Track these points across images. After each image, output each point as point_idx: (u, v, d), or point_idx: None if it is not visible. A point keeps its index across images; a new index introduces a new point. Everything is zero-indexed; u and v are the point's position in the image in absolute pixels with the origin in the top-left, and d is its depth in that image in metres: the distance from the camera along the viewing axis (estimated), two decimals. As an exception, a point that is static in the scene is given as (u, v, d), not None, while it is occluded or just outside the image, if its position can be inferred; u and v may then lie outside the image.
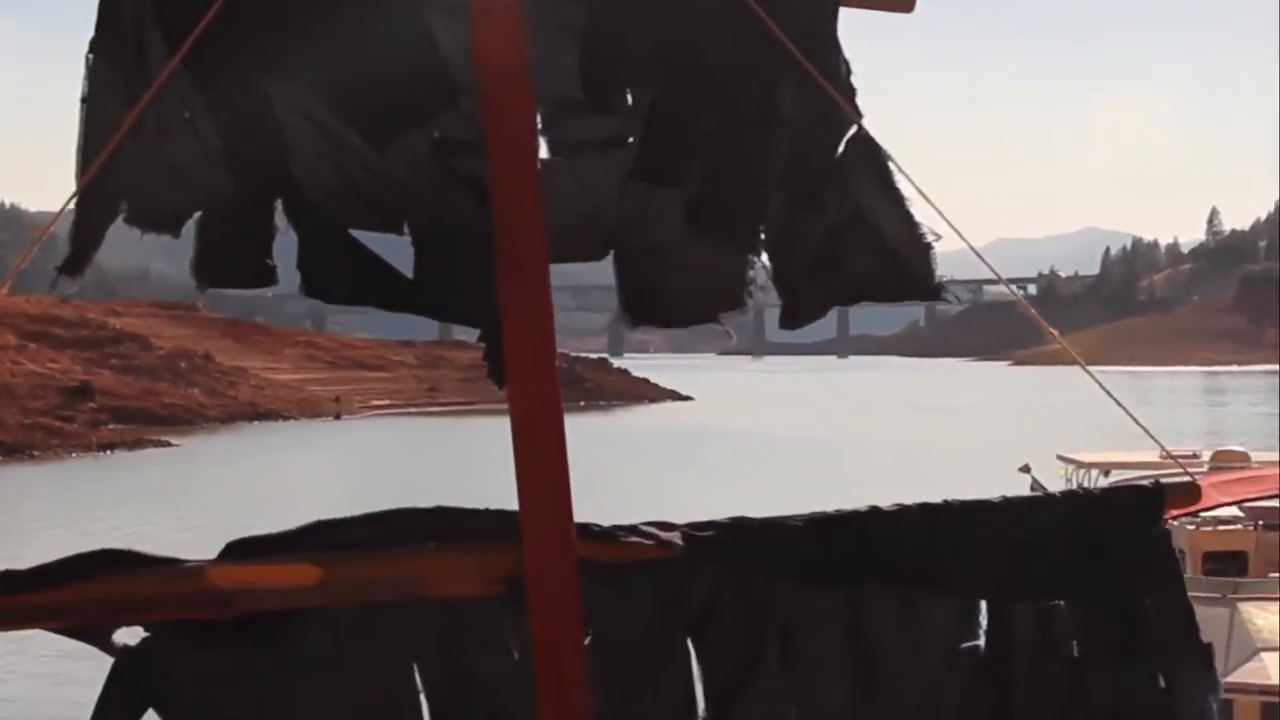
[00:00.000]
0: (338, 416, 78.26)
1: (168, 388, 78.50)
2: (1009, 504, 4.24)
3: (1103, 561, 4.15)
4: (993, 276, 4.93)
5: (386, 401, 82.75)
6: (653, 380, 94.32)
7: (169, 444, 59.62)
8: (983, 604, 4.13)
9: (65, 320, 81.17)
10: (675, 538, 3.94)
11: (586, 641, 3.85)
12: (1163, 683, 4.15)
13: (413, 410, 78.19)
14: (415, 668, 3.92)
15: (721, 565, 3.97)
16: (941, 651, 4.08)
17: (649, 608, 3.96)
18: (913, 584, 4.05)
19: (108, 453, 57.56)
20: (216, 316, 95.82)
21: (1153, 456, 23.64)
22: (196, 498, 38.80)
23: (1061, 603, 4.16)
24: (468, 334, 4.38)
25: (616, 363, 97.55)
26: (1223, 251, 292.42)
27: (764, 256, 4.20)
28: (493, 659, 3.91)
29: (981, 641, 4.12)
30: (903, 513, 4.11)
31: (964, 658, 4.10)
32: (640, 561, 3.91)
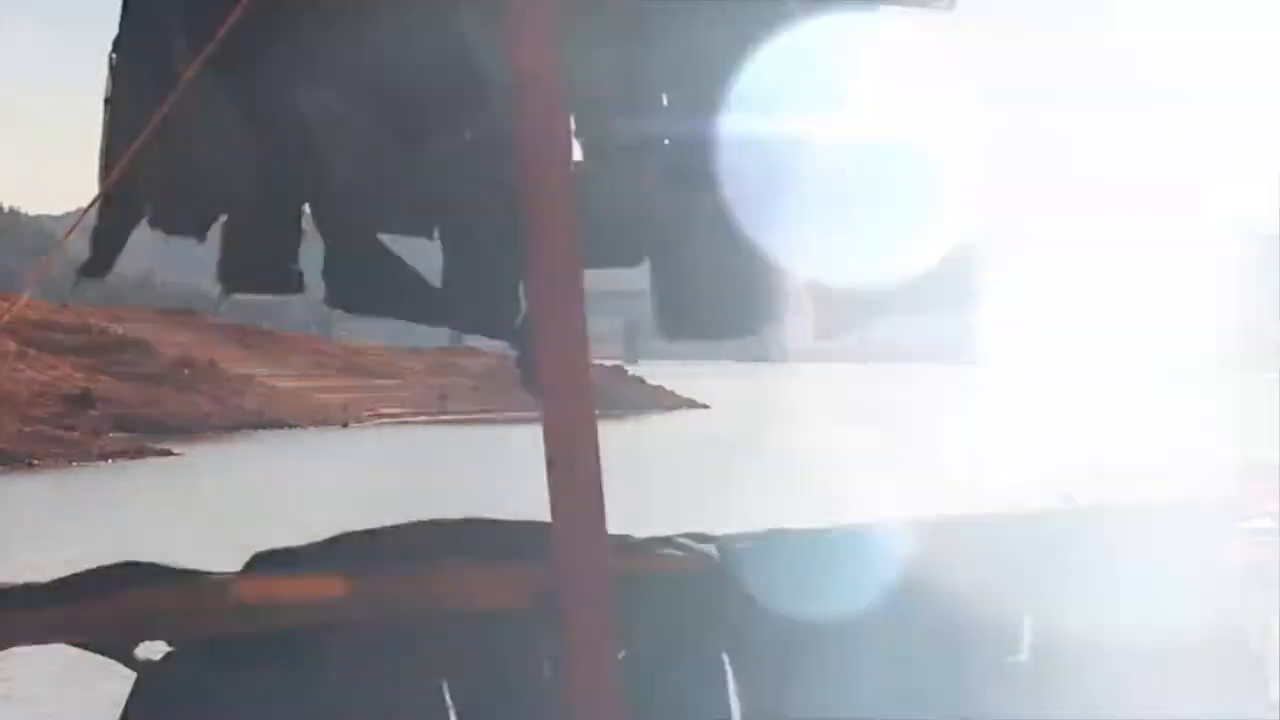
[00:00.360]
0: (345, 425, 77.92)
1: (171, 395, 78.18)
2: (1053, 514, 4.16)
3: (1150, 574, 4.06)
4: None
5: (396, 410, 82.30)
6: (668, 388, 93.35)
7: (172, 453, 59.42)
8: (1026, 617, 4.04)
9: (66, 326, 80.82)
10: (711, 550, 3.86)
11: (620, 656, 3.77)
12: (1215, 697, 4.05)
13: (423, 419, 77.69)
14: (444, 684, 3.83)
15: (759, 578, 3.88)
16: (985, 666, 3.98)
17: (684, 622, 3.87)
18: (955, 597, 3.96)
19: (110, 462, 57.35)
20: (221, 322, 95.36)
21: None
22: (201, 508, 38.67)
23: (1107, 615, 4.06)
24: (479, 341, 4.30)
25: (631, 370, 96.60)
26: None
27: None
28: (524, 674, 3.83)
29: (1025, 656, 4.03)
30: (945, 524, 4.03)
31: (1007, 671, 4.01)
32: (676, 574, 3.83)
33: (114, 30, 3.73)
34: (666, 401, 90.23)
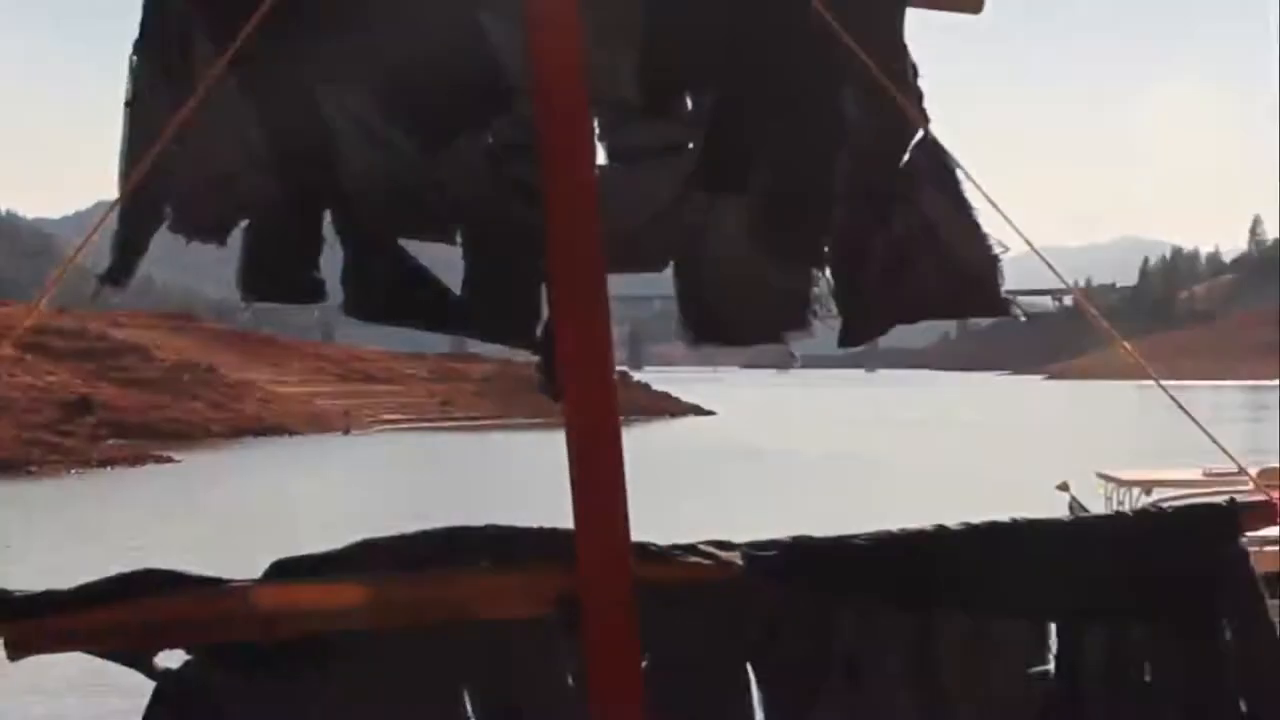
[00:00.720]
0: (347, 431, 77.68)
1: (171, 401, 77.90)
2: (1079, 523, 4.13)
3: (1178, 582, 4.01)
4: (1025, 287, 4.80)
5: (398, 416, 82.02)
6: (674, 394, 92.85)
7: (172, 460, 59.27)
8: (1052, 627, 4.00)
9: (64, 331, 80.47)
10: (735, 557, 3.82)
11: (643, 665, 3.73)
12: (1244, 707, 4.00)
13: (425, 425, 77.39)
14: (465, 692, 3.80)
15: (783, 586, 3.84)
16: (1011, 676, 3.94)
17: (708, 631, 3.84)
18: (980, 605, 3.92)
19: (108, 468, 57.17)
20: (221, 327, 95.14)
21: (1195, 474, 22.82)
22: (201, 515, 38.59)
23: (1134, 625, 4.02)
24: (482, 346, 4.25)
25: (637, 376, 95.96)
26: (1266, 262, 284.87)
27: (827, 271, 4.04)
28: (545, 683, 3.80)
29: (1052, 666, 3.98)
30: (969, 532, 3.98)
31: (1034, 682, 3.97)
32: (699, 582, 3.79)
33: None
34: (672, 408, 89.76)
